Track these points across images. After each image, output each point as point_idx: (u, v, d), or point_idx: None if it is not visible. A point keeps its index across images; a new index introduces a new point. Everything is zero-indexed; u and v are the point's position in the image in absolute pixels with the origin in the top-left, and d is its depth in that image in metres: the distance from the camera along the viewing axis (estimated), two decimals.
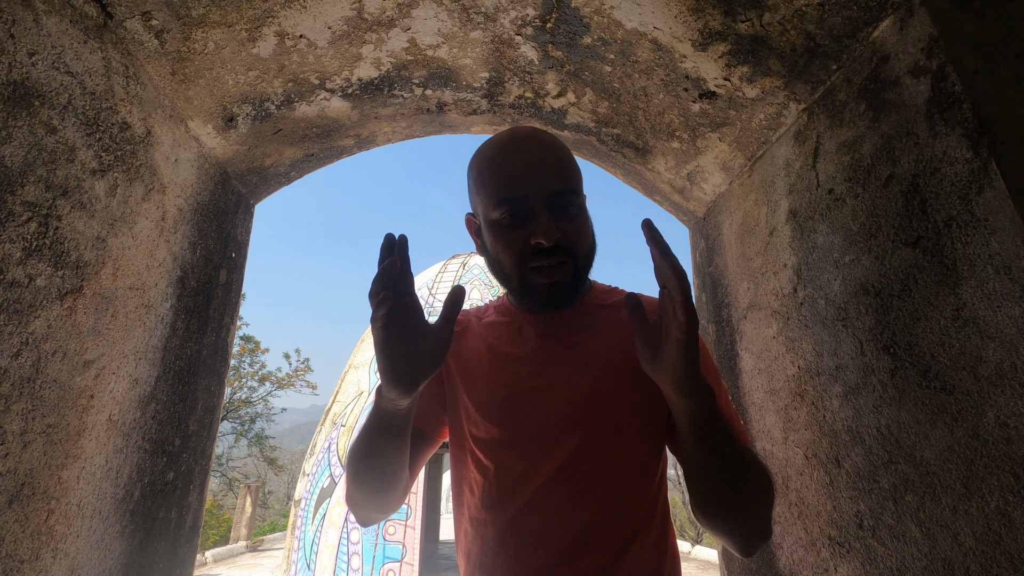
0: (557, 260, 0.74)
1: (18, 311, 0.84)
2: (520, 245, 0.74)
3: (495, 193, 0.75)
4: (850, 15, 1.01)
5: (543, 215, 0.73)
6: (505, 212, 0.75)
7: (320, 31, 1.28)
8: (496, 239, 0.77)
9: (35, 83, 0.87)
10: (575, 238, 0.75)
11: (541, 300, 0.78)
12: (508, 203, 0.74)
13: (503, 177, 0.75)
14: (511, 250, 0.75)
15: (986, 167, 0.79)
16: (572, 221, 0.76)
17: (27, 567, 0.86)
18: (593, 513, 0.74)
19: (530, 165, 0.75)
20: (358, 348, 7.46)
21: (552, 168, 0.76)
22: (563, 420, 0.76)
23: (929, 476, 0.88)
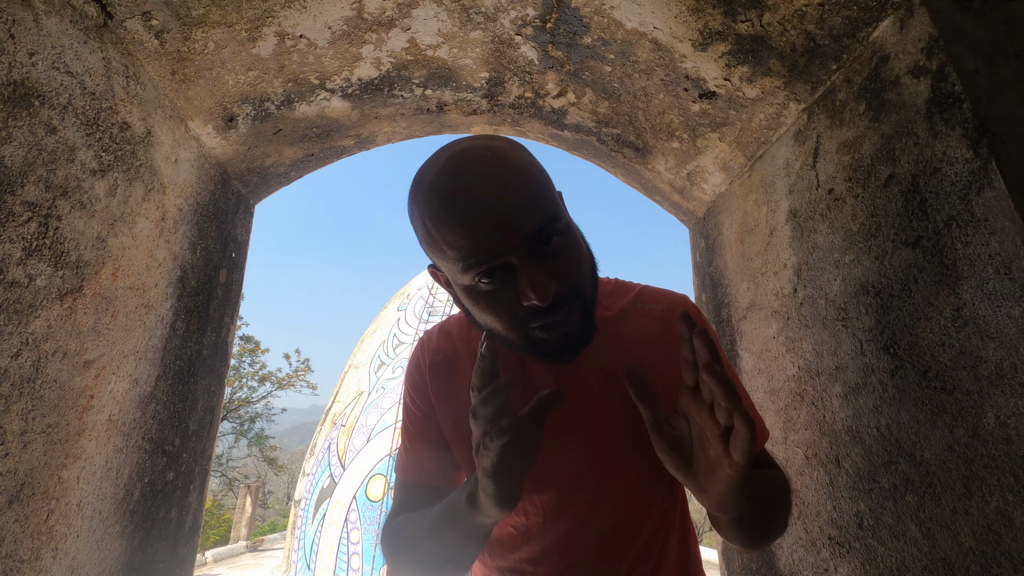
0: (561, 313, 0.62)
1: (18, 311, 0.84)
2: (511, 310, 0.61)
3: (458, 259, 0.59)
4: (850, 15, 1.01)
5: (528, 267, 0.58)
6: (479, 275, 0.60)
7: (320, 31, 1.28)
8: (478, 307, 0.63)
9: (35, 83, 0.87)
10: (572, 276, 0.63)
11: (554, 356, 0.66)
12: (479, 266, 0.59)
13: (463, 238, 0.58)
14: (503, 318, 0.62)
15: (986, 167, 0.79)
16: (562, 256, 0.62)
17: (27, 567, 0.86)
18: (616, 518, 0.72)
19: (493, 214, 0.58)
20: (358, 348, 7.46)
21: (519, 206, 0.58)
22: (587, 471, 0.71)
23: (929, 476, 0.88)
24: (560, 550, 0.72)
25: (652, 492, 0.74)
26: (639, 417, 0.66)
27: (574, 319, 0.63)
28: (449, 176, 0.60)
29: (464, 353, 0.77)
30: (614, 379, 0.70)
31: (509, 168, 0.60)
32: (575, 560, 0.72)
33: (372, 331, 7.46)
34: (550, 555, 0.72)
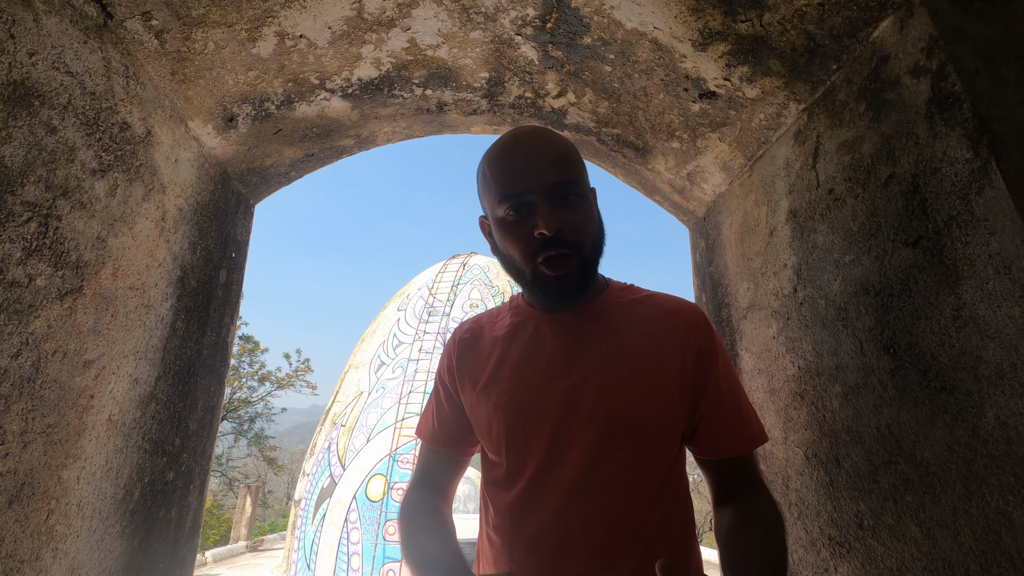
0: (562, 251, 0.74)
1: (18, 311, 0.84)
2: (526, 239, 0.75)
3: (498, 191, 0.77)
4: (850, 15, 1.01)
5: (544, 206, 0.74)
6: (509, 208, 0.76)
7: (320, 31, 1.28)
8: (504, 235, 0.78)
9: (35, 83, 0.87)
10: (579, 227, 0.76)
11: (551, 293, 0.78)
12: (510, 199, 0.76)
13: (505, 175, 0.77)
14: (518, 245, 0.76)
15: (986, 167, 0.79)
16: (574, 211, 0.76)
17: (27, 567, 0.86)
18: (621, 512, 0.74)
19: (529, 159, 0.77)
20: (358, 348, 7.46)
21: (550, 160, 0.77)
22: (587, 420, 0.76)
23: (929, 476, 0.88)
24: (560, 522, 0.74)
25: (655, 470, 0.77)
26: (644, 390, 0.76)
27: (571, 265, 0.75)
28: (506, 138, 0.81)
29: (488, 331, 0.90)
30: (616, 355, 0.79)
31: (551, 138, 0.80)
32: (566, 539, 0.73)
33: (372, 331, 7.46)
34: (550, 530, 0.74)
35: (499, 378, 0.83)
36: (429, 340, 6.60)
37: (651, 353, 0.79)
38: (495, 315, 0.94)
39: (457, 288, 7.22)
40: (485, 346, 0.88)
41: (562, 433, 0.76)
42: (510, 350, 0.85)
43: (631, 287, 0.91)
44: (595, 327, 0.82)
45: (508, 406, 0.80)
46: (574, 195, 0.77)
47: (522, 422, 0.78)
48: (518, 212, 0.76)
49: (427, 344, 6.55)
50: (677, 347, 0.80)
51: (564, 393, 0.78)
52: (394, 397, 6.20)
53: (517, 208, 0.76)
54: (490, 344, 0.88)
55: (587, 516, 0.73)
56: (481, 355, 0.87)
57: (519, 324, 0.87)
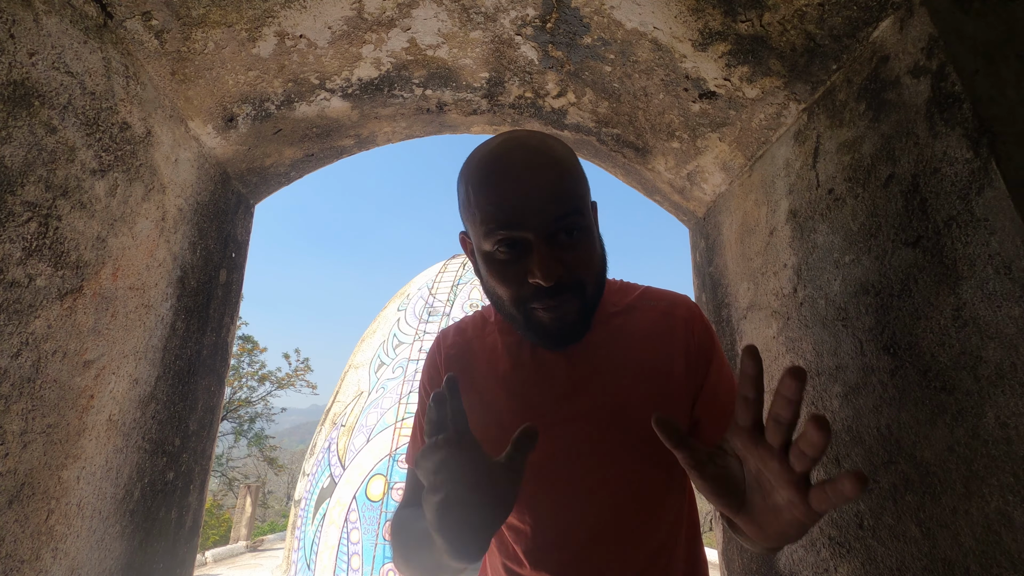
0: (560, 299, 0.66)
1: (18, 311, 0.84)
2: (518, 283, 0.66)
3: (484, 223, 0.66)
4: (850, 15, 1.01)
5: (541, 249, 0.63)
6: (497, 245, 0.66)
7: (320, 31, 1.28)
8: (491, 273, 0.69)
9: (35, 83, 0.87)
10: (579, 269, 0.67)
11: (547, 339, 0.70)
12: (500, 236, 0.65)
13: (493, 205, 0.65)
14: (509, 288, 0.67)
15: (986, 167, 0.79)
16: (576, 249, 0.67)
17: (27, 567, 0.86)
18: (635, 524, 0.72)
19: (523, 190, 0.64)
20: (358, 348, 7.46)
21: (549, 190, 0.65)
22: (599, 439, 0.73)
23: (929, 476, 0.88)
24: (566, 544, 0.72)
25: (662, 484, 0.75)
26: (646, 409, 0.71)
27: (571, 309, 0.67)
28: (497, 152, 0.68)
29: (477, 347, 0.82)
30: (621, 369, 0.74)
31: (549, 157, 0.67)
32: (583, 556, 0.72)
33: (372, 331, 7.46)
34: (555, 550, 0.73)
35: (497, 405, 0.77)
36: (429, 340, 6.60)
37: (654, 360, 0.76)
38: (481, 329, 0.85)
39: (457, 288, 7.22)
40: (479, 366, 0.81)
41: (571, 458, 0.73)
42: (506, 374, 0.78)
43: (624, 287, 0.86)
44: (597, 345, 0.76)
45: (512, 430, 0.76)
46: (577, 230, 0.66)
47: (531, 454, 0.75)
48: (509, 251, 0.65)
49: (427, 344, 6.55)
50: (678, 347, 0.79)
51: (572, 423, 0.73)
52: (394, 397, 6.20)
53: (508, 245, 0.65)
54: (484, 365, 0.81)
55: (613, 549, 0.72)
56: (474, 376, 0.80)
57: (513, 344, 0.79)
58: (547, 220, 0.64)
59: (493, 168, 0.67)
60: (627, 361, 0.76)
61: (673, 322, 0.80)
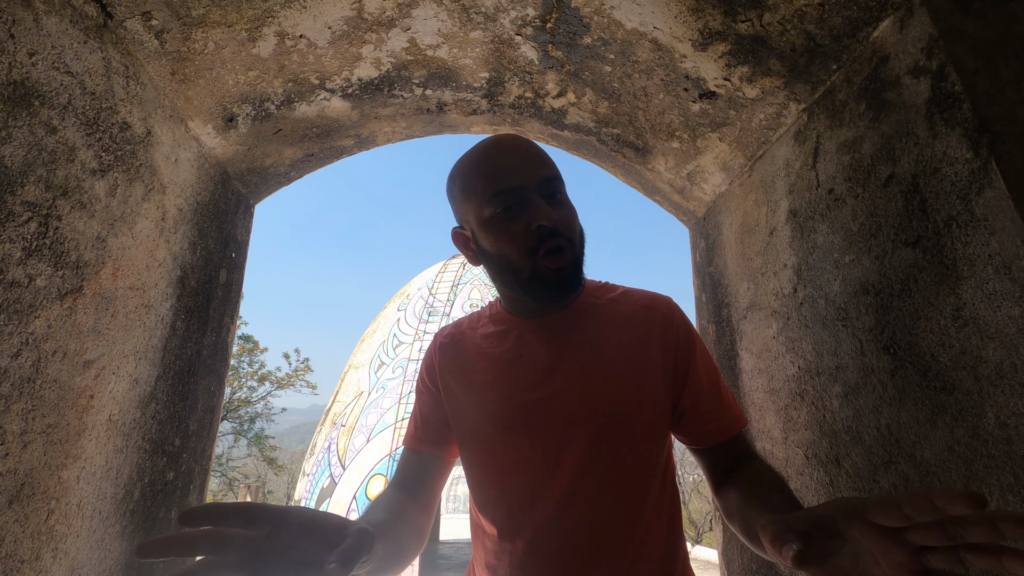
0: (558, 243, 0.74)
1: (18, 311, 0.84)
2: (523, 234, 0.74)
3: (486, 190, 0.76)
4: (850, 15, 1.01)
5: (537, 200, 0.74)
6: (500, 205, 0.75)
7: (320, 31, 1.28)
8: (497, 234, 0.76)
9: (35, 83, 0.87)
10: (569, 223, 0.77)
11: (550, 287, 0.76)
12: (502, 195, 0.75)
13: (493, 173, 0.76)
14: (515, 241, 0.74)
15: (986, 167, 0.79)
16: (563, 208, 0.77)
17: (27, 567, 0.86)
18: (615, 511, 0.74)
19: (516, 157, 0.77)
20: (358, 348, 7.46)
21: (537, 158, 0.77)
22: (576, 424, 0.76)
23: (929, 476, 0.88)
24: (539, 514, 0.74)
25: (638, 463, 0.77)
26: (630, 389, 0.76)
27: (568, 256, 0.75)
28: (486, 142, 0.80)
29: (469, 337, 0.89)
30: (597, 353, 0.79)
31: (529, 141, 0.81)
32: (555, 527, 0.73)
33: (372, 331, 7.46)
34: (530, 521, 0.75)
35: (486, 387, 0.82)
36: (429, 340, 6.60)
37: (633, 351, 0.80)
38: (475, 321, 0.92)
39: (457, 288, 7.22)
40: (469, 353, 0.87)
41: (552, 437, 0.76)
42: (495, 357, 0.84)
43: (606, 285, 0.91)
44: (577, 330, 0.82)
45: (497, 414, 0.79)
46: (560, 193, 0.77)
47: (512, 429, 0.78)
48: (510, 209, 0.75)
49: (427, 344, 6.55)
50: (657, 342, 0.81)
51: (551, 397, 0.77)
52: (394, 397, 6.20)
53: (509, 205, 0.75)
54: (474, 351, 0.86)
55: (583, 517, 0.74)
56: (466, 362, 0.86)
57: (503, 332, 0.86)
58: (540, 178, 0.75)
59: (487, 150, 0.79)
60: (604, 346, 0.80)
61: (652, 314, 0.84)
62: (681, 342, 0.83)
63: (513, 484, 0.77)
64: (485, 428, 0.80)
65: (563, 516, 0.74)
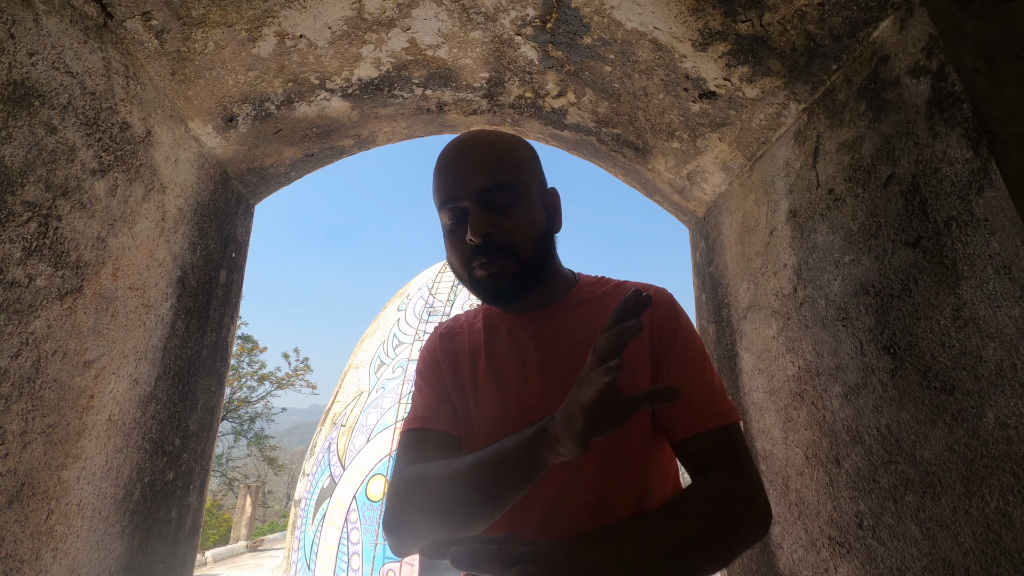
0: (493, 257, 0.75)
1: (18, 311, 0.84)
2: (461, 245, 0.76)
3: (436, 200, 0.79)
4: (850, 15, 1.01)
5: (473, 212, 0.75)
6: (446, 215, 0.78)
7: (320, 31, 1.28)
8: (446, 242, 0.80)
9: (35, 83, 0.87)
10: (513, 231, 0.75)
11: (486, 295, 0.79)
12: (446, 207, 0.77)
13: (440, 183, 0.79)
14: (455, 251, 0.78)
15: (986, 167, 0.79)
16: (507, 214, 0.76)
17: (27, 567, 0.86)
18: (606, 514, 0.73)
19: (460, 166, 0.78)
20: (358, 348, 7.46)
21: (481, 165, 0.77)
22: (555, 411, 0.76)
23: (929, 476, 0.88)
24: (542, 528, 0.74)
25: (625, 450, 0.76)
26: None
27: (506, 269, 0.75)
28: (449, 145, 0.81)
29: (467, 330, 0.90)
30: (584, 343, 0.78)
31: (488, 142, 0.80)
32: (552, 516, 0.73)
33: (372, 331, 7.46)
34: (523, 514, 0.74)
35: (477, 381, 0.83)
36: None
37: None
38: (472, 317, 0.93)
39: (457, 288, 7.22)
40: (464, 347, 0.88)
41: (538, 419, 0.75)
42: (486, 353, 0.85)
43: (601, 280, 0.90)
44: (566, 324, 0.83)
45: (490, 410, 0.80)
46: (509, 199, 0.76)
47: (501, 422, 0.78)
48: (453, 219, 0.77)
49: None
50: (644, 332, 0.80)
51: (540, 392, 0.78)
52: (394, 397, 6.20)
53: (452, 215, 0.77)
54: (469, 346, 0.88)
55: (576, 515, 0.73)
56: (461, 356, 0.87)
57: (493, 327, 0.87)
58: (476, 188, 0.75)
59: (442, 156, 0.81)
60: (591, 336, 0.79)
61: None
62: (664, 331, 0.80)
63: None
64: (477, 424, 0.80)
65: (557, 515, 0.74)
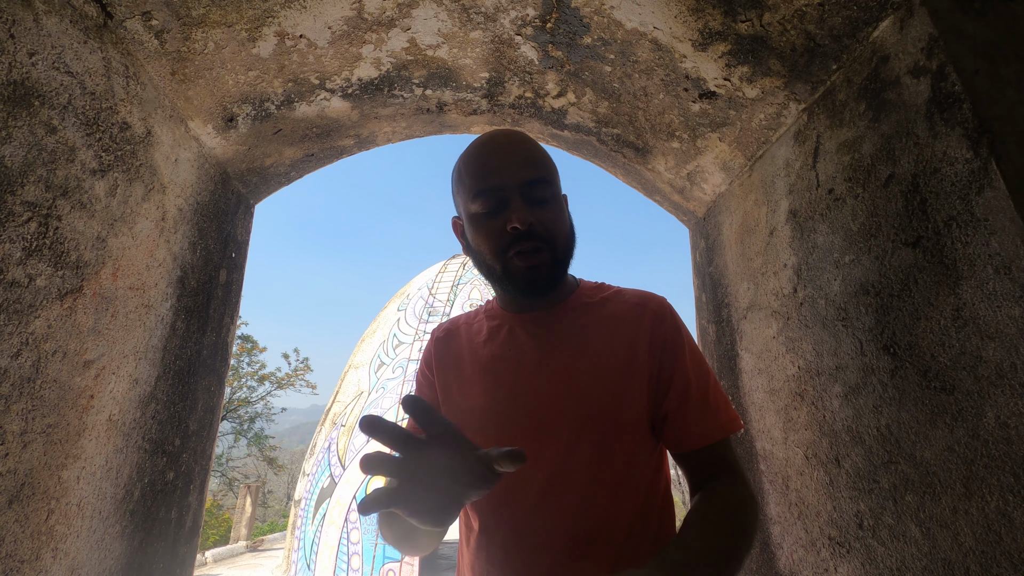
0: (534, 244, 0.76)
1: (18, 311, 0.84)
2: (498, 233, 0.76)
3: (472, 187, 0.79)
4: (850, 15, 1.01)
5: (516, 200, 0.76)
6: (482, 203, 0.78)
7: (320, 31, 1.28)
8: (476, 231, 0.79)
9: (35, 83, 0.87)
10: (551, 225, 0.78)
11: (521, 285, 0.78)
12: (484, 194, 0.77)
13: (479, 171, 0.79)
14: (490, 239, 0.77)
15: (986, 167, 0.79)
16: (547, 209, 0.78)
17: (27, 567, 0.86)
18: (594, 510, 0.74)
19: (503, 157, 0.79)
20: (358, 348, 7.46)
21: (523, 158, 0.79)
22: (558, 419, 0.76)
23: (929, 476, 0.88)
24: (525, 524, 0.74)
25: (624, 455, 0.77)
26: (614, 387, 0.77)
27: (544, 259, 0.77)
28: (483, 138, 0.83)
29: (464, 332, 0.91)
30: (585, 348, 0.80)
31: (525, 139, 0.83)
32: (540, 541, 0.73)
33: (372, 331, 7.46)
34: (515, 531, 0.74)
35: (474, 380, 0.83)
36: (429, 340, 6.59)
37: (620, 351, 0.80)
38: (472, 317, 0.94)
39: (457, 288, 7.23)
40: (462, 348, 0.89)
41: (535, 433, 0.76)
42: (485, 353, 0.85)
43: (601, 285, 0.92)
44: (566, 327, 0.83)
45: (482, 408, 0.80)
46: (547, 194, 0.78)
47: (496, 423, 0.79)
48: (490, 207, 0.77)
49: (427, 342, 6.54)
50: (644, 340, 0.81)
51: (536, 393, 0.78)
52: (394, 397, 6.21)
53: (490, 203, 0.77)
54: (467, 346, 0.88)
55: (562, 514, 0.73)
56: (458, 357, 0.88)
57: (494, 327, 0.88)
58: (521, 178, 0.77)
59: (480, 147, 0.82)
60: (591, 344, 0.81)
61: (642, 314, 0.84)
62: (668, 343, 0.81)
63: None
64: (471, 420, 0.81)
65: (541, 513, 0.74)
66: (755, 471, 1.41)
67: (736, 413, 0.84)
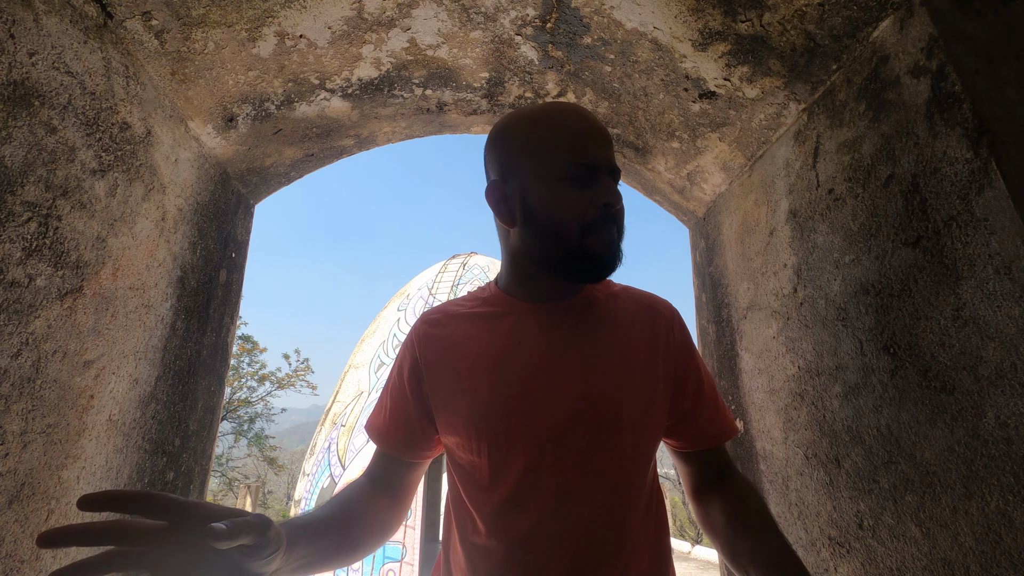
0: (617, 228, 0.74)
1: (18, 311, 0.84)
2: (584, 207, 0.72)
3: (570, 152, 0.73)
4: (850, 15, 1.01)
5: (607, 180, 0.74)
6: (574, 172, 0.72)
7: (320, 31, 1.28)
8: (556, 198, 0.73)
9: (35, 83, 0.87)
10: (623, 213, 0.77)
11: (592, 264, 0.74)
12: (580, 164, 0.72)
13: (575, 137, 0.74)
14: (575, 210, 0.72)
15: (986, 167, 0.79)
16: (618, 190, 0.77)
17: (27, 567, 0.86)
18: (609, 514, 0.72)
19: (596, 132, 0.75)
20: (358, 348, 7.46)
21: (608, 141, 0.77)
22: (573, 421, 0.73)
23: (929, 476, 0.88)
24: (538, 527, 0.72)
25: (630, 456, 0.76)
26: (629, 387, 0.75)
27: (618, 244, 0.75)
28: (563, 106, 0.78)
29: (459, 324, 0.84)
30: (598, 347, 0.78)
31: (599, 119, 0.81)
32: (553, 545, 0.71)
33: (372, 331, 7.46)
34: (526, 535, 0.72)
35: (479, 373, 0.77)
36: None
37: (636, 353, 0.78)
38: (463, 305, 0.87)
39: (457, 288, 7.22)
40: (459, 339, 0.81)
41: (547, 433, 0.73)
42: (490, 343, 0.79)
43: (607, 282, 0.88)
44: (579, 321, 0.80)
45: (491, 403, 0.75)
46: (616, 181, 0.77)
47: (506, 419, 0.74)
48: (580, 179, 0.73)
49: None
50: (660, 343, 0.80)
51: (550, 389, 0.74)
52: None
53: (582, 175, 0.73)
54: (465, 336, 0.81)
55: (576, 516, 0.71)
56: (455, 349, 0.81)
57: (498, 315, 0.81)
58: (610, 160, 0.75)
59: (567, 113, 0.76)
60: (606, 343, 0.79)
61: (655, 315, 0.84)
62: (684, 349, 0.83)
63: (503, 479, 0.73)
64: (476, 418, 0.75)
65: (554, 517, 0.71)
66: (755, 471, 1.41)
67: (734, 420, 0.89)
